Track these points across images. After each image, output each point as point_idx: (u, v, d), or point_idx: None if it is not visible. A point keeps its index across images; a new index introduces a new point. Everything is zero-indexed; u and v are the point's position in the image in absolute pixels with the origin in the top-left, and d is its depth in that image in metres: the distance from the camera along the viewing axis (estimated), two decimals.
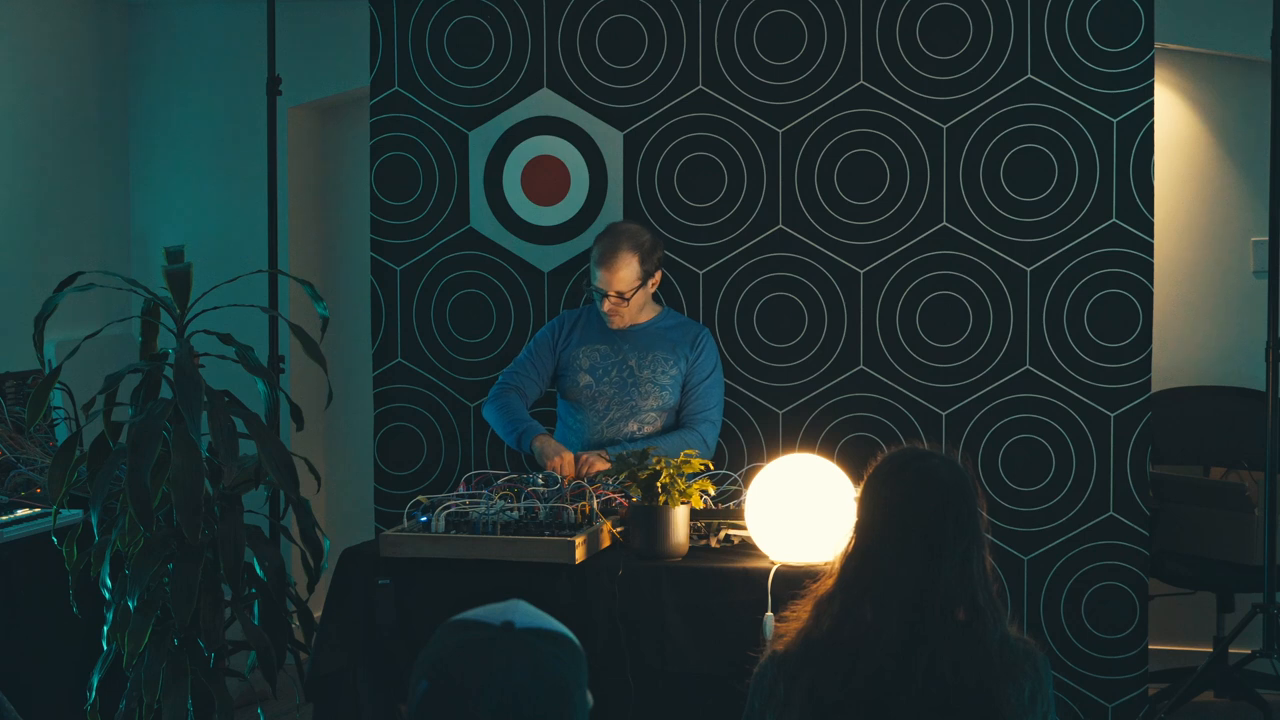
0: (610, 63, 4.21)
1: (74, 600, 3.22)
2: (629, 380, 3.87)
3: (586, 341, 3.93)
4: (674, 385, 3.89)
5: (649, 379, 3.86)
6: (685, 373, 3.90)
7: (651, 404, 3.86)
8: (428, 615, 3.16)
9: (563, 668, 1.48)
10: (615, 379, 3.87)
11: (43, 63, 4.96)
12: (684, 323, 4.00)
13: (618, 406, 3.87)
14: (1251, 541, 4.12)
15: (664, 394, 3.87)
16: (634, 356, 3.88)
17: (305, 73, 5.09)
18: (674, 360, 3.89)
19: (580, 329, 3.96)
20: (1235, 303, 4.77)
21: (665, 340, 3.91)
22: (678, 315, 4.03)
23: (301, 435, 4.15)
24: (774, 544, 3.12)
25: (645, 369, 3.87)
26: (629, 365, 3.88)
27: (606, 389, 3.88)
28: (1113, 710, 3.89)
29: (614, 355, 3.89)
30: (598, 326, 3.93)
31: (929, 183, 4.03)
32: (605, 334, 3.92)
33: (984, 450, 3.98)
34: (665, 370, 3.88)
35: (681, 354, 3.90)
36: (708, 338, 3.97)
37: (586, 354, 3.91)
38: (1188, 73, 4.80)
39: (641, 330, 3.92)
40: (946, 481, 2.08)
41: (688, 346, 3.91)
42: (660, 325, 3.95)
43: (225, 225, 5.29)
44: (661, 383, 3.87)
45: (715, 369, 3.96)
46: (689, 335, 3.94)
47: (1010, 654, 2.03)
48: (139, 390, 3.19)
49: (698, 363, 3.91)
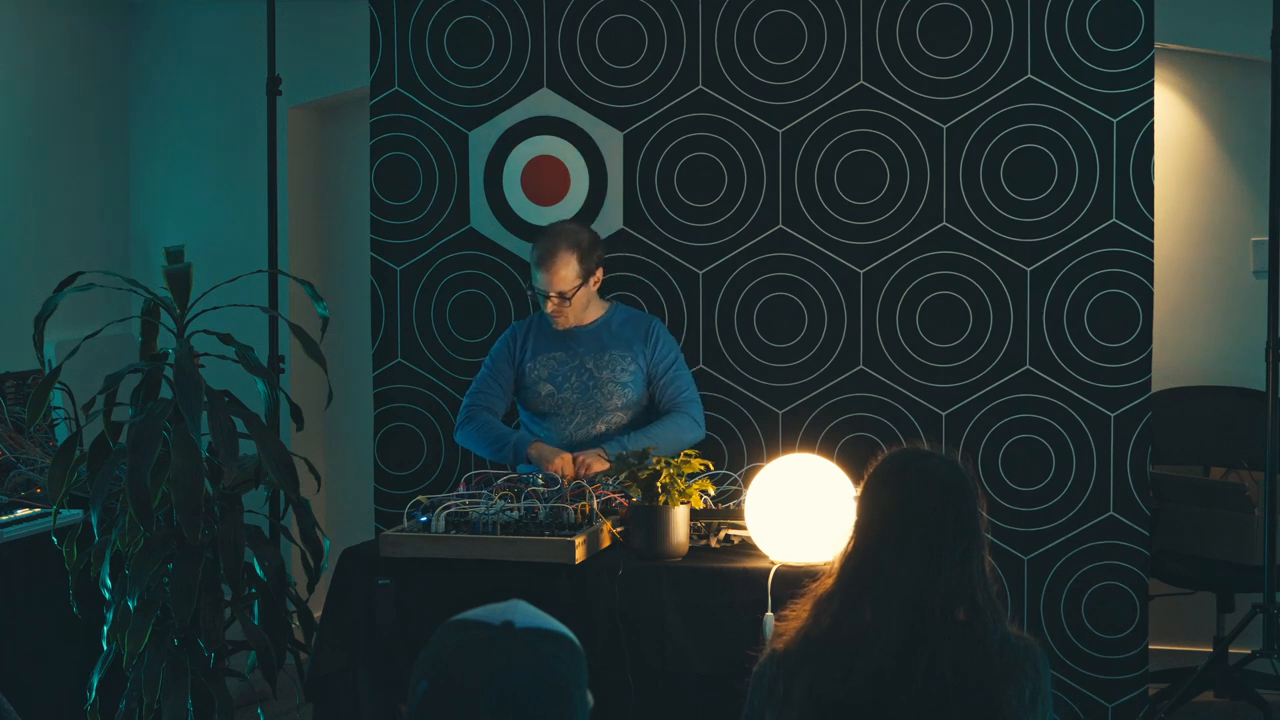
0: (610, 63, 4.21)
1: (74, 600, 3.22)
2: (589, 383, 3.84)
3: (541, 351, 3.89)
4: (635, 381, 3.86)
5: (609, 379, 3.84)
6: (646, 367, 3.87)
7: (616, 403, 3.84)
8: (428, 615, 3.16)
9: (563, 668, 1.48)
10: (576, 384, 3.84)
11: (43, 63, 4.96)
12: (634, 316, 3.96)
13: (583, 410, 3.84)
14: (1251, 541, 4.12)
15: (626, 391, 3.85)
16: (590, 359, 3.85)
17: (305, 73, 5.09)
18: (630, 356, 3.86)
19: (533, 338, 3.92)
20: (1235, 303, 4.77)
21: (618, 337, 3.88)
22: (627, 309, 4.00)
23: (301, 435, 4.14)
24: (774, 544, 3.12)
25: (604, 369, 3.84)
26: (587, 368, 3.84)
27: (569, 395, 3.85)
28: (1113, 710, 3.89)
29: (571, 360, 3.86)
30: (549, 334, 3.89)
31: (929, 183, 4.03)
32: (558, 340, 3.88)
33: (984, 450, 3.98)
34: (624, 368, 3.85)
35: (637, 349, 3.87)
36: (659, 327, 3.94)
37: (544, 363, 3.88)
38: (1188, 73, 4.80)
39: (593, 331, 3.88)
40: (946, 481, 2.08)
41: (641, 341, 3.88)
42: (611, 322, 3.91)
43: (225, 225, 5.29)
44: (622, 380, 3.84)
45: (677, 353, 3.94)
46: (641, 329, 3.91)
47: (1010, 654, 2.03)
48: (139, 390, 3.19)
49: (657, 353, 3.89)
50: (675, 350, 3.95)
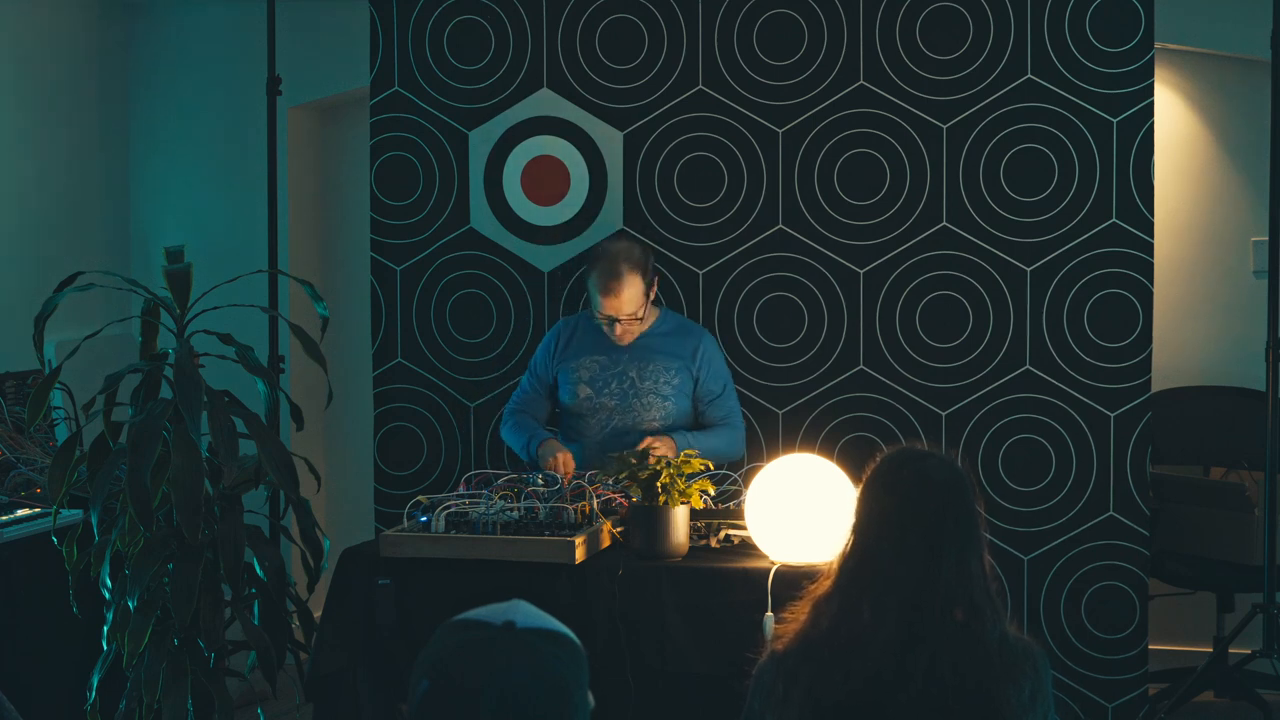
0: (610, 63, 4.21)
1: (74, 600, 3.22)
2: (630, 391, 3.80)
3: (584, 352, 3.85)
4: (677, 395, 3.82)
5: (651, 390, 3.80)
6: (692, 385, 3.84)
7: (655, 414, 3.80)
8: (428, 615, 3.16)
9: (563, 668, 1.48)
10: (616, 391, 3.81)
11: (43, 63, 4.96)
12: (682, 326, 3.92)
13: (620, 416, 3.81)
14: (1251, 541, 4.12)
15: (667, 404, 3.81)
16: (634, 368, 3.81)
17: (305, 73, 5.09)
18: (675, 369, 3.81)
19: (577, 338, 3.89)
20: (1235, 303, 4.77)
21: (665, 349, 3.83)
22: (676, 317, 3.97)
23: (301, 435, 4.14)
24: (774, 544, 3.12)
25: (646, 380, 3.80)
26: (629, 376, 3.81)
27: (607, 400, 3.81)
28: (1113, 710, 3.89)
29: (613, 367, 3.82)
30: (594, 336, 3.85)
31: (929, 183, 4.03)
32: (603, 344, 3.83)
33: (984, 450, 3.98)
34: (667, 380, 3.81)
35: (684, 364, 3.82)
36: (709, 345, 3.89)
37: (585, 365, 3.84)
38: (1188, 73, 4.80)
39: (640, 340, 3.83)
40: (944, 481, 2.08)
41: (689, 356, 3.83)
42: (659, 332, 3.86)
43: (225, 225, 5.29)
44: (664, 393, 3.81)
45: (727, 377, 3.91)
46: (690, 344, 3.85)
47: (1009, 653, 2.03)
48: (139, 390, 3.19)
49: (709, 375, 3.84)
50: (725, 373, 3.91)
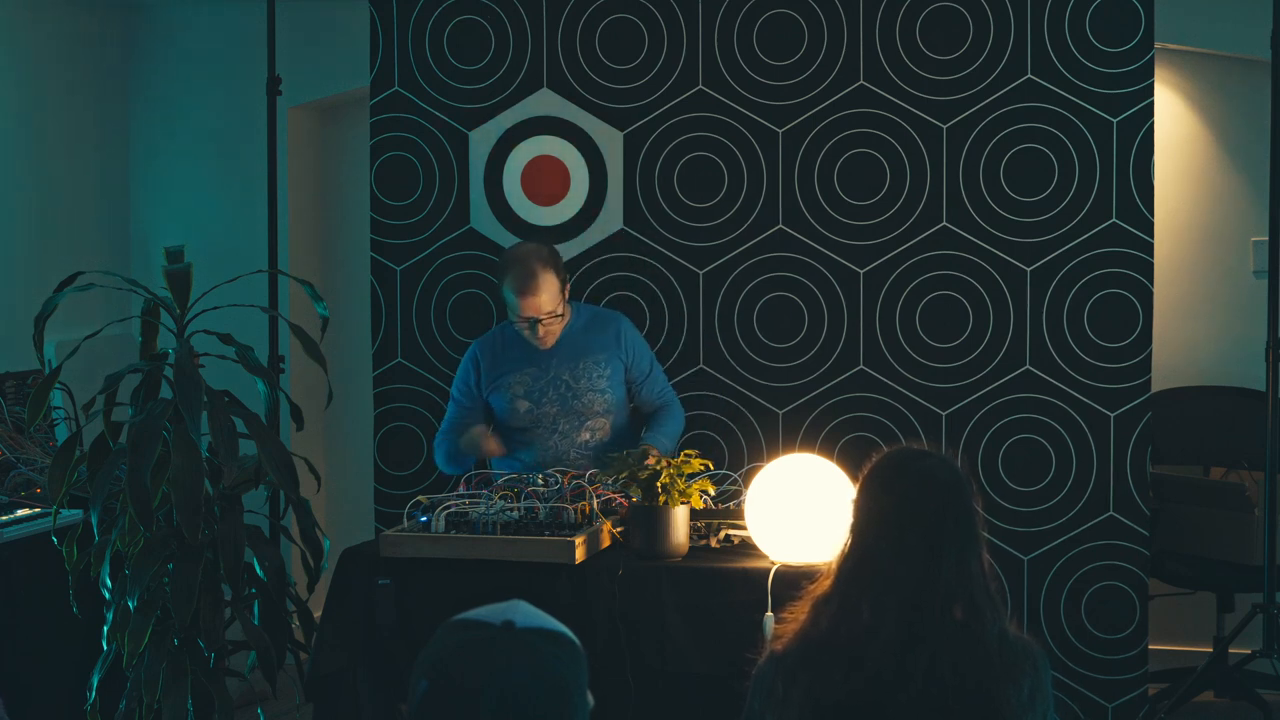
0: (610, 63, 4.21)
1: (74, 600, 3.22)
2: (568, 394, 3.79)
3: (512, 368, 3.82)
4: (613, 383, 3.82)
5: (588, 387, 3.80)
6: (623, 370, 3.85)
7: (598, 408, 3.81)
8: (428, 615, 3.16)
9: (563, 668, 1.48)
10: (554, 397, 3.79)
11: (43, 63, 4.96)
12: (596, 315, 3.91)
13: (565, 419, 3.80)
14: (1251, 541, 4.12)
15: (606, 395, 3.81)
16: (565, 370, 3.79)
17: (305, 73, 5.09)
18: (604, 359, 3.82)
19: (499, 358, 3.84)
20: (1235, 303, 4.77)
21: (589, 344, 3.82)
22: (588, 309, 3.95)
23: (301, 435, 4.15)
24: (774, 544, 3.12)
25: (581, 379, 3.80)
26: (563, 379, 3.79)
27: (549, 408, 3.80)
28: (1113, 710, 3.89)
29: (544, 375, 3.80)
30: (516, 349, 3.82)
31: (929, 183, 4.03)
32: (527, 355, 3.80)
33: (984, 450, 3.98)
34: (600, 374, 3.81)
35: (611, 353, 3.83)
36: (628, 327, 3.90)
37: (517, 380, 3.81)
38: (1188, 73, 4.80)
39: (563, 341, 3.81)
40: (943, 481, 2.08)
41: (614, 344, 3.84)
42: (578, 327, 3.85)
43: (225, 225, 5.30)
44: (600, 386, 3.81)
45: (650, 353, 3.95)
46: (610, 330, 3.86)
47: (1009, 653, 2.03)
48: (139, 390, 3.19)
49: (634, 359, 3.87)
50: (647, 350, 3.95)
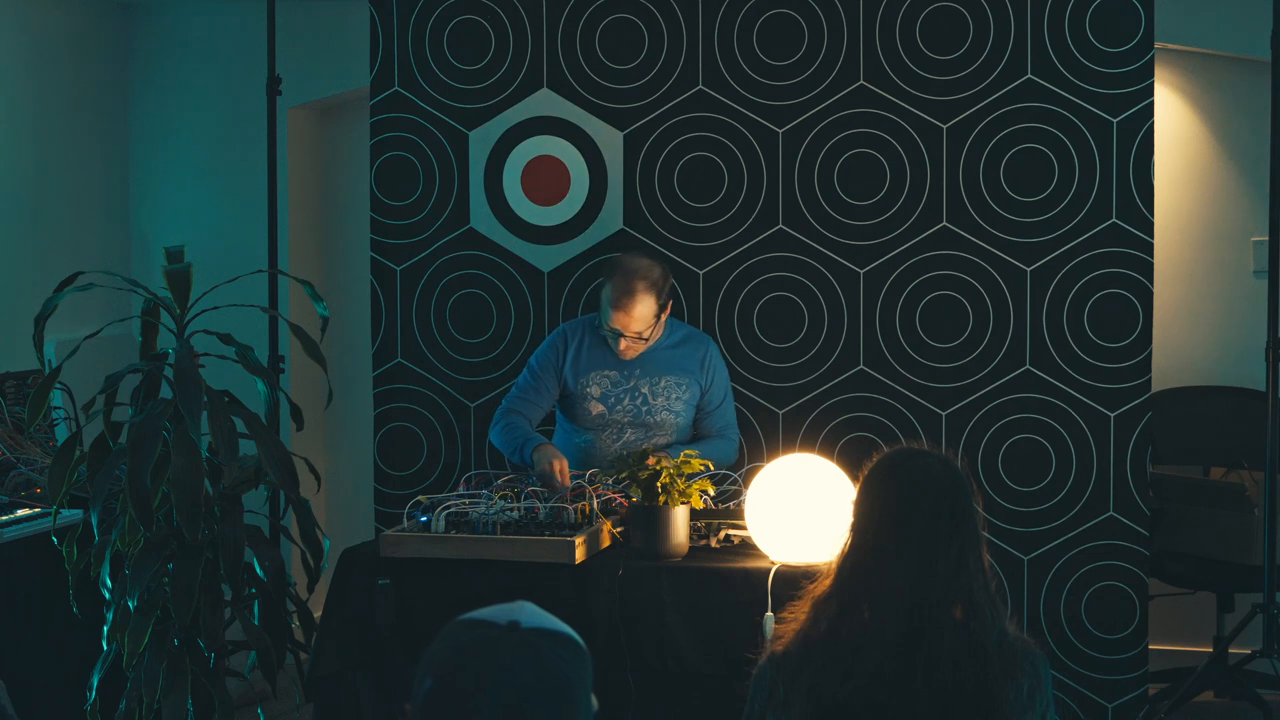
0: (610, 63, 4.21)
1: (74, 600, 3.22)
2: (643, 407, 3.80)
3: (594, 367, 3.83)
4: (687, 408, 3.84)
5: (663, 406, 3.81)
6: (700, 393, 3.85)
7: (667, 428, 3.82)
8: (427, 615, 3.17)
9: (568, 669, 1.48)
10: (629, 407, 3.80)
11: (43, 63, 4.96)
12: (689, 336, 3.92)
13: (632, 430, 3.81)
14: (1251, 541, 4.12)
15: (678, 419, 3.83)
16: (646, 383, 3.81)
17: (305, 73, 5.09)
18: (686, 384, 3.83)
19: (585, 351, 3.86)
20: (1235, 303, 4.77)
21: (675, 363, 3.83)
22: (682, 327, 3.96)
23: (301, 435, 4.14)
24: (774, 544, 3.12)
25: (659, 396, 3.81)
26: (642, 392, 3.80)
27: (620, 416, 3.80)
28: (1113, 710, 3.89)
29: (625, 382, 3.81)
30: (601, 349, 3.84)
31: (929, 183, 4.03)
32: (611, 358, 3.82)
33: (984, 450, 3.98)
34: (679, 396, 3.82)
35: (693, 377, 3.84)
36: (714, 354, 3.91)
37: (596, 381, 3.82)
38: (1188, 73, 4.80)
39: (649, 354, 3.83)
40: (941, 480, 2.08)
41: (698, 368, 3.85)
42: (667, 345, 3.86)
43: (225, 225, 5.30)
44: (676, 409, 3.82)
45: (728, 386, 3.94)
46: (698, 354, 3.87)
47: (1008, 652, 2.03)
48: (139, 390, 3.19)
49: (713, 387, 3.87)
50: (727, 382, 3.94)
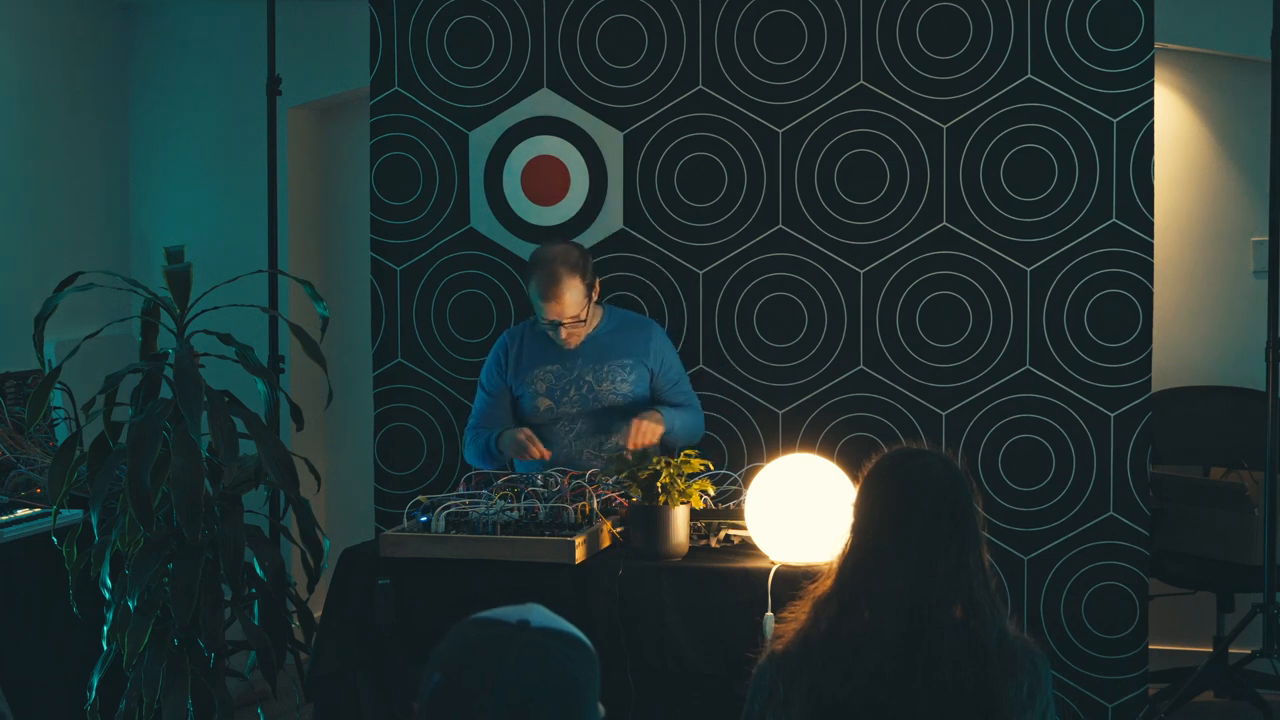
0: (610, 63, 4.21)
1: (74, 600, 3.22)
2: (589, 395, 3.79)
3: (537, 364, 3.83)
4: (635, 386, 3.82)
5: (609, 390, 3.80)
6: (648, 376, 3.84)
7: (617, 412, 3.80)
8: (428, 615, 3.16)
9: (575, 670, 1.48)
10: (575, 397, 3.80)
11: (43, 63, 4.96)
12: (628, 321, 3.91)
13: (584, 420, 3.80)
14: (1251, 541, 4.12)
15: (626, 400, 3.81)
16: (589, 371, 3.80)
17: (305, 73, 5.09)
18: (630, 364, 3.82)
19: (526, 352, 3.86)
20: (1235, 303, 4.77)
21: (617, 347, 3.83)
22: (620, 313, 3.95)
23: (301, 435, 4.15)
24: (774, 544, 3.12)
25: (604, 381, 3.80)
26: (586, 380, 3.80)
27: (569, 408, 3.80)
28: (1113, 710, 3.89)
29: (568, 374, 3.81)
30: (543, 345, 3.83)
31: (929, 183, 4.03)
32: (553, 352, 3.82)
33: (984, 450, 3.99)
34: (624, 378, 3.81)
35: (637, 360, 3.83)
36: (659, 336, 3.90)
37: (541, 377, 3.82)
38: (1188, 73, 4.81)
39: (590, 341, 3.82)
40: (941, 479, 2.08)
41: (643, 351, 3.84)
42: (607, 330, 3.86)
43: (225, 225, 5.30)
44: (622, 390, 3.81)
45: (679, 365, 3.93)
46: (640, 339, 3.86)
47: (1008, 651, 2.03)
48: (139, 390, 3.19)
49: (662, 367, 3.86)
50: (678, 361, 3.94)
